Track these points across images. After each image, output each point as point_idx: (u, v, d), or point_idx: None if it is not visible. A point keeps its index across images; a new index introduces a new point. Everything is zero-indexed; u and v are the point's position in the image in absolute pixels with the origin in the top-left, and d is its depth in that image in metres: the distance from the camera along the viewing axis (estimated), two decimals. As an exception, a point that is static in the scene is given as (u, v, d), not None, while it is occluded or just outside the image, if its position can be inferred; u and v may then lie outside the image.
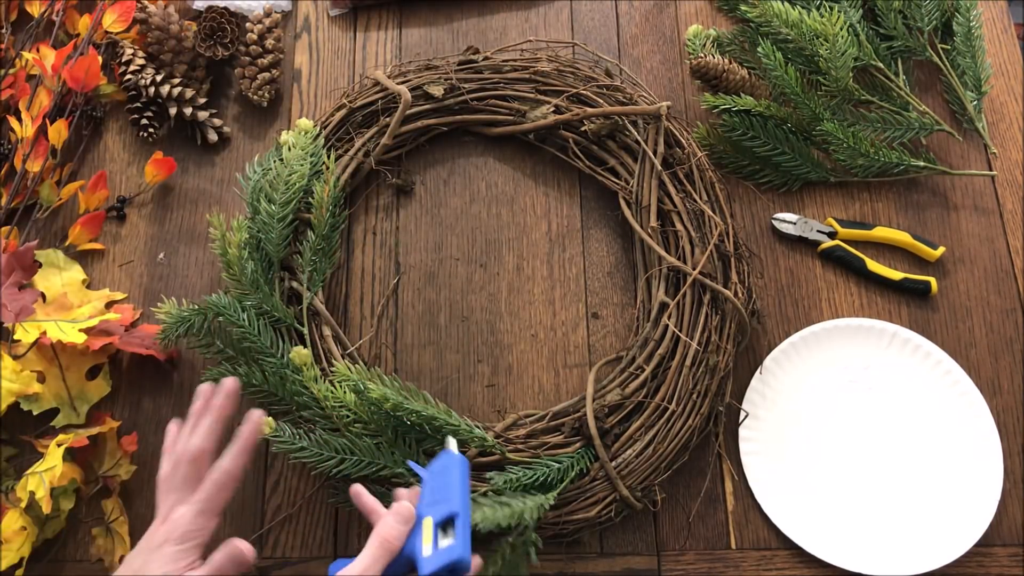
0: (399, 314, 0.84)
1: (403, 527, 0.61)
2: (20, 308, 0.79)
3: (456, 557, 0.58)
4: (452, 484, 0.63)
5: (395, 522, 0.61)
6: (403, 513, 0.62)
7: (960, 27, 0.89)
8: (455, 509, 0.61)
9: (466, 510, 0.61)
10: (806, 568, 0.75)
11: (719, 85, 0.87)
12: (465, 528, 0.60)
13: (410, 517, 0.62)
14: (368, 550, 0.60)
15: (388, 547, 0.60)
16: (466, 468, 0.65)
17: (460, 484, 0.63)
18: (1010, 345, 0.82)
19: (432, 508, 0.62)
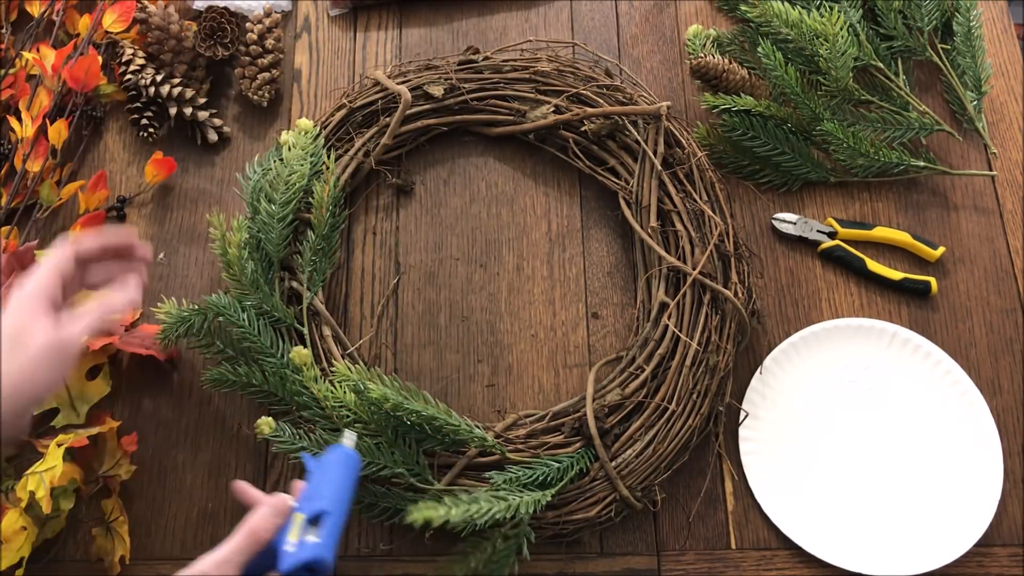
0: (399, 314, 0.84)
1: (275, 519, 0.59)
2: (20, 308, 0.79)
3: (311, 556, 0.57)
4: (330, 480, 0.61)
5: (268, 513, 0.59)
6: (278, 506, 0.60)
7: (960, 27, 0.89)
8: (325, 507, 0.59)
9: (340, 509, 0.59)
10: (806, 568, 0.75)
11: (719, 85, 0.87)
12: (333, 528, 0.58)
13: (284, 510, 0.60)
14: (235, 538, 0.58)
15: (255, 538, 0.58)
16: (354, 464, 0.63)
17: (338, 481, 0.61)
18: (1010, 345, 0.82)
19: (307, 503, 0.60)
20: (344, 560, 0.76)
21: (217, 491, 0.78)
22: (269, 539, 0.59)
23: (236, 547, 0.58)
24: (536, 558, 0.75)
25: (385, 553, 0.76)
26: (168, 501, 0.78)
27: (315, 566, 0.57)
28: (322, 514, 0.59)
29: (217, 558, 0.57)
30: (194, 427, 0.80)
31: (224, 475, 0.78)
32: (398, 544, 0.76)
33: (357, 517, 0.77)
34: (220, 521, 0.77)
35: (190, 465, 0.79)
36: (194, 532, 0.77)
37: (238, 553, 0.57)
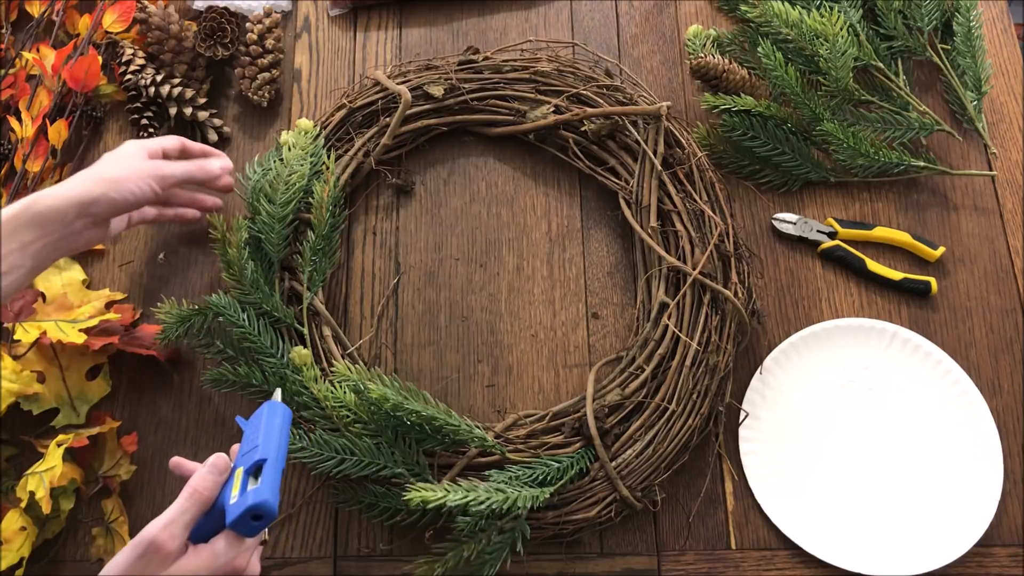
0: (399, 314, 0.84)
1: (215, 477, 0.59)
2: (20, 308, 0.79)
3: (255, 501, 0.56)
4: (266, 431, 0.61)
5: (207, 472, 0.60)
6: (217, 464, 0.60)
7: (960, 27, 0.89)
8: (261, 455, 0.59)
9: (278, 456, 0.59)
10: (806, 568, 0.75)
11: (719, 85, 0.87)
12: (274, 474, 0.58)
13: (225, 467, 0.60)
14: (178, 500, 0.58)
15: (198, 497, 0.58)
16: (287, 415, 0.63)
17: (275, 431, 0.61)
18: (1010, 345, 0.82)
19: (244, 458, 0.60)
20: (344, 560, 0.76)
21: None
22: (211, 497, 0.59)
23: (179, 509, 0.58)
24: (536, 558, 0.75)
25: (385, 553, 0.76)
26: (168, 501, 0.77)
27: (259, 510, 0.57)
28: (260, 463, 0.59)
29: (162, 521, 0.57)
30: (194, 427, 0.80)
31: (224, 475, 0.78)
32: (398, 544, 0.76)
33: (357, 517, 0.77)
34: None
35: (190, 465, 0.79)
36: (194, 532, 0.77)
37: (182, 513, 0.58)
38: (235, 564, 0.58)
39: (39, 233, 0.66)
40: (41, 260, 0.67)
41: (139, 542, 0.56)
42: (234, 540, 0.58)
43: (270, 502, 0.57)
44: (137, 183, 0.71)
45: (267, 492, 0.57)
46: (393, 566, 0.75)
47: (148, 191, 0.72)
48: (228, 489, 0.59)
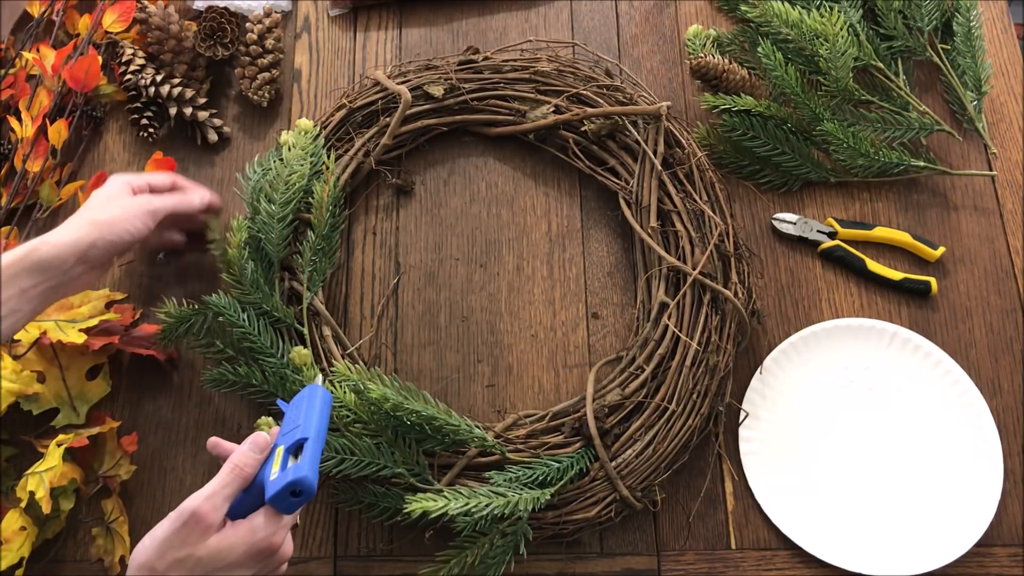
0: (399, 314, 0.84)
1: (256, 455, 0.60)
2: (20, 308, 0.79)
3: (295, 477, 0.57)
4: (306, 412, 0.62)
5: (248, 449, 0.61)
6: (258, 441, 0.61)
7: (960, 27, 0.89)
8: (303, 434, 0.60)
9: (318, 436, 0.60)
10: (806, 568, 0.75)
11: (719, 85, 0.87)
12: (314, 452, 0.59)
13: (265, 445, 0.61)
14: (219, 475, 0.59)
15: (239, 473, 0.59)
16: (327, 398, 0.64)
17: (315, 412, 0.62)
18: (1010, 345, 0.82)
19: (284, 437, 0.61)
20: (344, 560, 0.76)
21: (217, 491, 0.78)
22: (252, 474, 0.60)
23: (221, 483, 0.59)
24: (536, 558, 0.75)
25: (385, 553, 0.76)
26: (168, 501, 0.78)
27: (298, 487, 0.57)
28: (301, 442, 0.60)
29: (204, 493, 0.58)
30: (194, 427, 0.80)
31: (224, 475, 0.78)
32: (398, 544, 0.76)
33: (357, 517, 0.77)
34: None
35: (190, 465, 0.79)
36: (194, 532, 0.77)
37: (223, 486, 0.59)
38: (272, 540, 0.59)
39: (39, 279, 0.67)
40: (40, 304, 0.68)
41: (181, 512, 0.57)
42: (272, 517, 0.59)
43: (310, 478, 0.57)
44: (131, 222, 0.71)
45: (307, 469, 0.58)
46: (393, 566, 0.75)
47: (142, 228, 0.72)
48: (268, 467, 0.60)
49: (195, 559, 0.57)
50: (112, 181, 0.74)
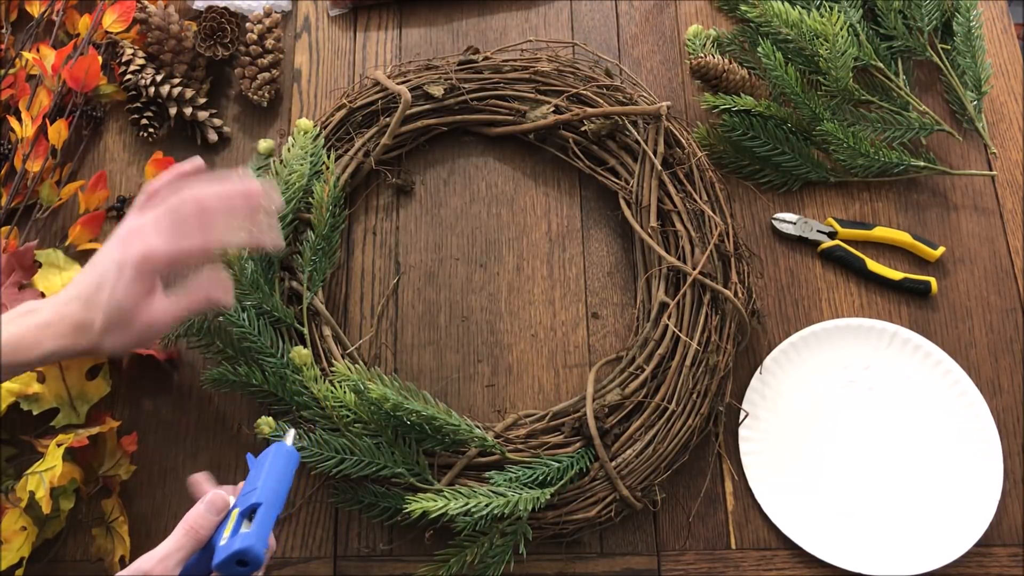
0: (399, 314, 0.84)
1: (212, 516, 0.58)
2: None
3: (240, 547, 0.55)
4: (267, 474, 0.60)
5: (204, 510, 0.58)
6: (215, 502, 0.59)
7: (960, 27, 0.89)
8: (258, 498, 0.58)
9: (274, 501, 0.58)
10: (806, 568, 0.75)
11: (719, 85, 0.87)
12: (266, 519, 0.57)
13: (223, 507, 0.59)
14: (173, 536, 0.57)
15: (193, 535, 0.57)
16: (293, 458, 0.62)
17: (275, 474, 0.60)
18: (1010, 345, 0.82)
19: (242, 499, 0.59)
20: (344, 560, 0.76)
21: (217, 491, 0.78)
22: (207, 536, 0.57)
23: (175, 545, 0.57)
24: (536, 558, 0.75)
25: (385, 553, 0.76)
26: (168, 501, 0.78)
27: (245, 556, 0.55)
28: (255, 507, 0.57)
29: (157, 555, 0.56)
30: (194, 427, 0.80)
31: (224, 475, 0.78)
32: (398, 544, 0.76)
33: (357, 517, 0.77)
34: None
35: (190, 465, 0.79)
36: (194, 532, 0.77)
37: (177, 550, 0.56)
38: None
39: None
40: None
41: (135, 571, 0.55)
42: None
43: (256, 549, 0.55)
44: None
45: (254, 538, 0.55)
46: (393, 566, 0.75)
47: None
48: (222, 529, 0.57)
49: None
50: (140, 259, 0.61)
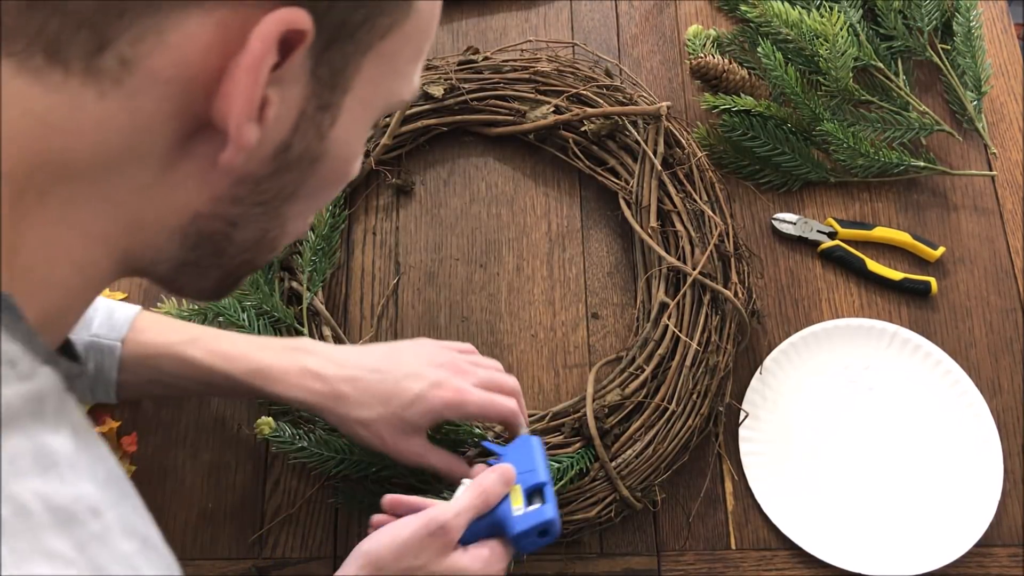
0: (399, 314, 0.84)
1: (502, 487, 0.60)
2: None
3: (548, 517, 0.59)
4: (535, 458, 0.63)
5: (497, 479, 0.60)
6: (505, 474, 0.60)
7: (960, 27, 0.89)
8: (542, 479, 0.62)
9: (550, 481, 0.62)
10: (806, 568, 0.75)
11: (719, 85, 0.87)
12: (552, 495, 0.61)
13: (510, 479, 0.60)
14: (464, 496, 0.58)
15: (484, 499, 0.59)
16: (541, 446, 0.66)
17: (542, 459, 0.64)
18: (1010, 345, 0.82)
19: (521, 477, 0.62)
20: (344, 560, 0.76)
21: (217, 492, 0.78)
22: (494, 503, 0.59)
23: (467, 504, 0.58)
24: (536, 558, 0.74)
25: (385, 553, 0.76)
26: (168, 502, 0.78)
27: (549, 527, 0.59)
28: (541, 484, 0.61)
29: (452, 509, 0.57)
30: (194, 427, 0.80)
31: (224, 475, 0.78)
32: (398, 544, 0.76)
33: (357, 517, 0.77)
34: (220, 522, 0.77)
35: (190, 465, 0.79)
36: (194, 533, 0.77)
37: (468, 509, 0.58)
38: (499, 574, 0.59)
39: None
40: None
41: (429, 522, 0.56)
42: (503, 552, 0.59)
43: (558, 522, 0.60)
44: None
45: (555, 512, 0.60)
46: (393, 566, 0.75)
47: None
48: (506, 503, 0.60)
49: (427, 573, 0.55)
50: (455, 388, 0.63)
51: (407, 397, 0.62)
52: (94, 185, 0.33)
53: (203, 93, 0.32)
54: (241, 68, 0.31)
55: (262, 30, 0.30)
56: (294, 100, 0.34)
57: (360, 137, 0.39)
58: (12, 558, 0.25)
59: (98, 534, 0.29)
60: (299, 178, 0.38)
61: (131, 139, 0.32)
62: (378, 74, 0.36)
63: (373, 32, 0.34)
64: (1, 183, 0.30)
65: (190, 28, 0.30)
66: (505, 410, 0.64)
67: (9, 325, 0.30)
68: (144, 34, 0.30)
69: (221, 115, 0.32)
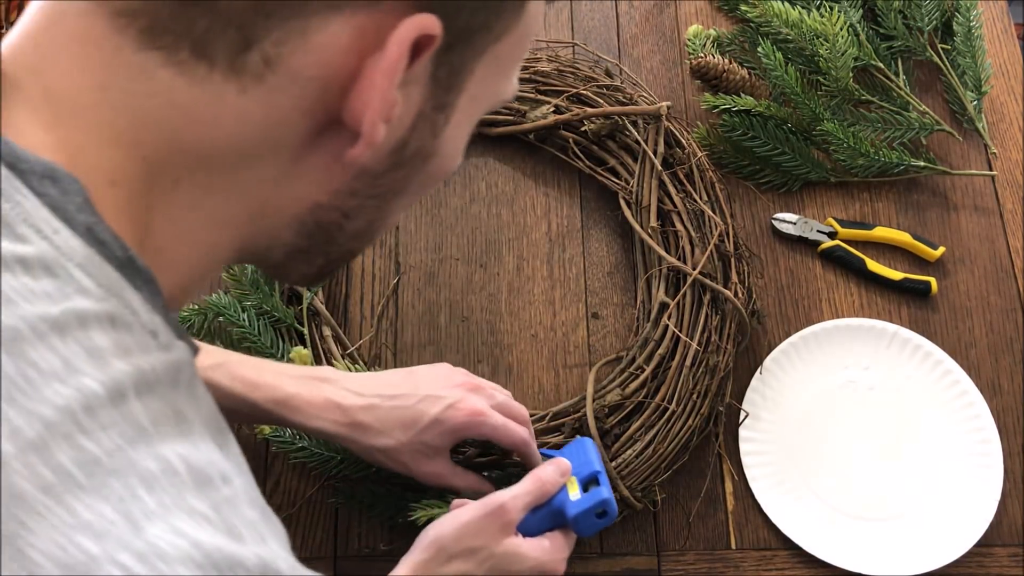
0: (399, 314, 0.84)
1: (558, 478, 0.63)
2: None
3: (604, 497, 0.63)
4: (589, 453, 0.67)
5: (553, 471, 0.63)
6: (561, 465, 0.64)
7: (960, 27, 0.89)
8: (596, 468, 0.65)
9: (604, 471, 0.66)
10: (806, 568, 0.75)
11: (719, 85, 0.87)
12: (607, 482, 0.65)
13: (566, 471, 0.64)
14: (523, 484, 0.61)
15: (541, 487, 0.62)
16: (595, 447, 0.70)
17: (596, 455, 0.68)
18: (1010, 345, 0.82)
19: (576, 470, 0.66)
20: (344, 560, 0.76)
21: (217, 491, 0.78)
22: (551, 493, 0.63)
23: (525, 490, 0.61)
24: (536, 558, 0.75)
25: (385, 553, 0.76)
26: (168, 501, 0.78)
27: (606, 507, 0.63)
28: (596, 473, 0.65)
29: (510, 493, 0.60)
30: (194, 427, 0.80)
31: (224, 475, 0.78)
32: (398, 544, 0.76)
33: (357, 517, 0.77)
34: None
35: (190, 465, 0.79)
36: (194, 532, 0.77)
37: (526, 495, 0.60)
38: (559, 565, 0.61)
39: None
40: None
41: (488, 503, 0.59)
42: (563, 543, 0.62)
43: (613, 502, 0.64)
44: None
45: (610, 493, 0.64)
46: (393, 566, 0.75)
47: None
48: (563, 492, 0.64)
49: (487, 553, 0.58)
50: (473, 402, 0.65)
51: (425, 421, 0.63)
52: (226, 174, 0.35)
53: (338, 92, 0.33)
54: (379, 71, 0.32)
55: (400, 35, 0.32)
56: (414, 100, 0.36)
57: (466, 135, 0.41)
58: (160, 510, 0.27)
59: (229, 498, 0.31)
60: (411, 173, 0.40)
61: (266, 133, 0.34)
62: (488, 74, 0.38)
63: (489, 35, 0.36)
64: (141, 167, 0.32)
65: (332, 31, 0.32)
66: (518, 438, 0.65)
67: (149, 299, 0.32)
68: (288, 35, 0.31)
69: (354, 113, 0.33)
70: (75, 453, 0.27)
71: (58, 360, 0.28)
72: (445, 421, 0.63)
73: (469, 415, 0.63)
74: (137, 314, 0.31)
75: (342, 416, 0.63)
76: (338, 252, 0.43)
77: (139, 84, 0.31)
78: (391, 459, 0.64)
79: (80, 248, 0.30)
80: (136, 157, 0.32)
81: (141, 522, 0.27)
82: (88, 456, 0.27)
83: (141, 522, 0.27)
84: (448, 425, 0.63)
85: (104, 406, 0.28)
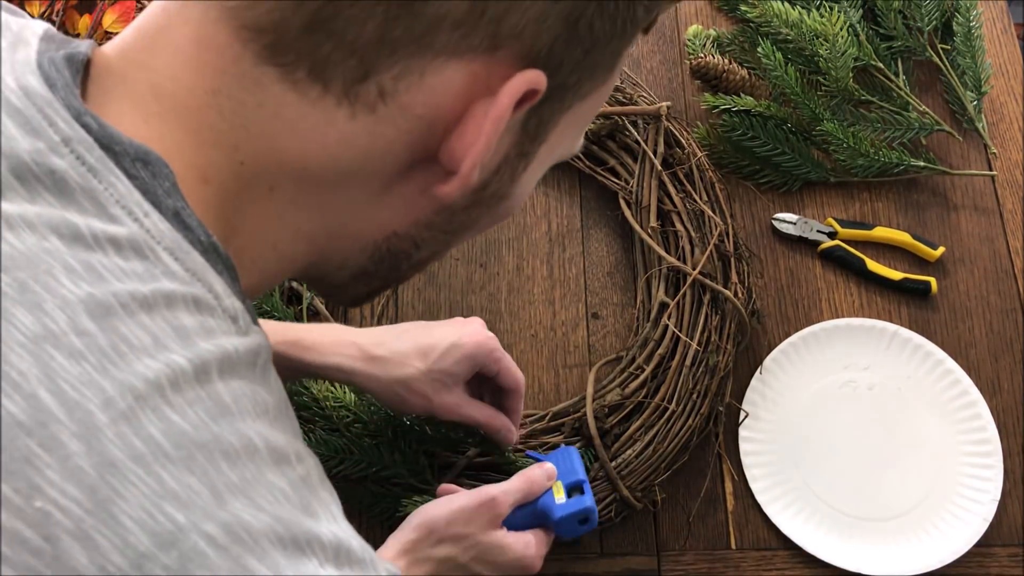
0: (399, 314, 0.84)
1: (545, 480, 0.65)
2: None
3: (587, 505, 0.65)
4: (574, 461, 0.68)
5: (541, 473, 0.65)
6: (548, 470, 0.66)
7: (960, 27, 0.89)
8: (581, 477, 0.67)
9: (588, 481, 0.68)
10: (806, 568, 0.75)
11: (719, 85, 0.87)
12: (590, 491, 0.67)
13: (552, 475, 0.66)
14: (512, 481, 0.63)
15: (528, 486, 0.63)
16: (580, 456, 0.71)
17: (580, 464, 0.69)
18: (1010, 345, 0.82)
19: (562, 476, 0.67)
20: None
21: (217, 491, 0.78)
22: (537, 493, 0.64)
23: (514, 486, 0.63)
24: (536, 558, 0.75)
25: (385, 553, 0.76)
26: (168, 501, 0.78)
27: (589, 514, 0.65)
28: (580, 482, 0.66)
29: (500, 487, 0.62)
30: (194, 427, 0.80)
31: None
32: (398, 544, 0.76)
33: (357, 517, 0.77)
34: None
35: (190, 465, 0.79)
36: (194, 532, 0.77)
37: (514, 491, 0.62)
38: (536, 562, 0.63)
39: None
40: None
41: (480, 493, 0.61)
42: (543, 540, 0.64)
43: (595, 510, 0.66)
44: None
45: (593, 502, 0.66)
46: (393, 566, 0.75)
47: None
48: (549, 495, 0.65)
49: (473, 541, 0.60)
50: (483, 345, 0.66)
51: (443, 347, 0.64)
52: (318, 192, 0.36)
53: (441, 131, 0.35)
54: (489, 118, 0.34)
55: (512, 87, 0.33)
56: (503, 146, 0.38)
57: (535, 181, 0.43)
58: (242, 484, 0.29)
59: (303, 477, 0.32)
60: (484, 213, 0.42)
61: (365, 159, 0.35)
62: (567, 128, 0.40)
63: (578, 94, 0.37)
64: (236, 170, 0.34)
65: (447, 73, 0.33)
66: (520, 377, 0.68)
67: (230, 284, 0.34)
68: (407, 73, 0.32)
69: (453, 153, 0.35)
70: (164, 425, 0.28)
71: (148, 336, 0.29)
72: (461, 346, 0.64)
73: (485, 339, 0.65)
74: (220, 298, 0.32)
75: (358, 351, 0.64)
76: (395, 278, 0.44)
77: (250, 95, 0.33)
78: (411, 390, 0.64)
79: (168, 232, 0.31)
80: (233, 160, 0.34)
81: (224, 495, 0.28)
82: (176, 428, 0.28)
83: (224, 495, 0.28)
84: (464, 351, 0.64)
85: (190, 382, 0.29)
